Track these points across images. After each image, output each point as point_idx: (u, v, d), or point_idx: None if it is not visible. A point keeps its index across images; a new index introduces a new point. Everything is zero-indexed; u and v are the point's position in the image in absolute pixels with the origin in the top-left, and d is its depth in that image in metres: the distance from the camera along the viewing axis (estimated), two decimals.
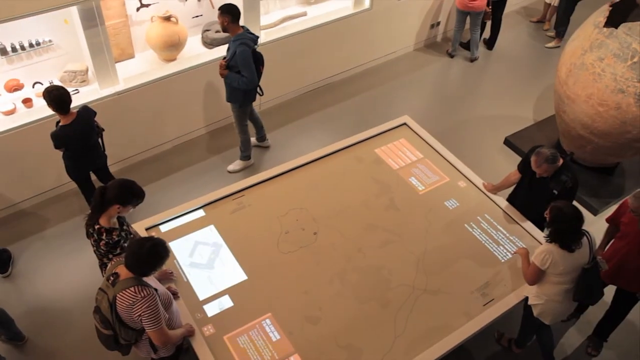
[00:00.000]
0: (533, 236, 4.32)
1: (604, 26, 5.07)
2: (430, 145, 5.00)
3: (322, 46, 6.58)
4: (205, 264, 3.94)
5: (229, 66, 4.96)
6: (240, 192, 4.50)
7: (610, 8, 5.16)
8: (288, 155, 5.69)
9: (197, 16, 5.96)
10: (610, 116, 5.11)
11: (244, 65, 4.87)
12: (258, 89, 5.23)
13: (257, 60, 5.01)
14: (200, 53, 5.80)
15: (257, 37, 5.02)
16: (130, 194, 3.39)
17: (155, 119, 5.67)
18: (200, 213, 4.30)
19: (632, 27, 4.87)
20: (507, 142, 6.40)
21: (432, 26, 7.82)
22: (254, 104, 5.48)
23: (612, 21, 5.08)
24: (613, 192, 5.87)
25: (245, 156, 5.78)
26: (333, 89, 7.00)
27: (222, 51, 5.76)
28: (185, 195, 5.18)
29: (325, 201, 4.44)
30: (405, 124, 5.21)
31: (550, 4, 8.28)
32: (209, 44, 5.88)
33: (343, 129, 6.22)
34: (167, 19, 5.42)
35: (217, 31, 5.86)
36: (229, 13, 4.78)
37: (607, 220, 4.35)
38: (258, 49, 5.04)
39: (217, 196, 4.42)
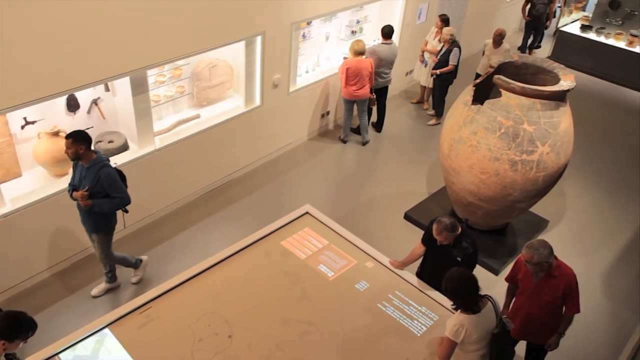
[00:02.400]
0: (444, 306, 4.46)
1: (472, 104, 5.64)
2: (334, 231, 5.12)
3: (219, 145, 6.70)
4: None
5: (90, 194, 4.64)
6: (147, 304, 4.29)
7: (474, 88, 5.78)
8: (194, 258, 5.56)
9: (87, 128, 5.86)
10: (492, 182, 5.57)
11: (114, 187, 4.68)
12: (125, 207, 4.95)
13: (121, 178, 4.83)
14: None
15: (109, 157, 4.86)
16: (18, 327, 3.09)
17: (53, 237, 5.37)
18: (106, 333, 4.03)
19: (495, 103, 5.46)
20: (407, 216, 6.71)
21: (323, 116, 8.26)
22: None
23: (478, 99, 5.67)
24: (508, 251, 6.27)
25: (134, 263, 5.42)
26: (234, 186, 7.06)
27: (116, 161, 5.67)
28: (84, 317, 4.84)
29: (236, 301, 4.34)
30: (307, 212, 5.32)
31: (425, 87, 9.12)
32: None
33: (248, 225, 6.24)
34: (56, 134, 5.30)
35: (110, 141, 5.80)
36: (84, 140, 4.53)
37: (506, 279, 4.62)
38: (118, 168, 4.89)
39: (121, 312, 4.18)
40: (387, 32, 7.73)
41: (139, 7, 5.03)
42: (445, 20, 8.38)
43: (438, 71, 8.25)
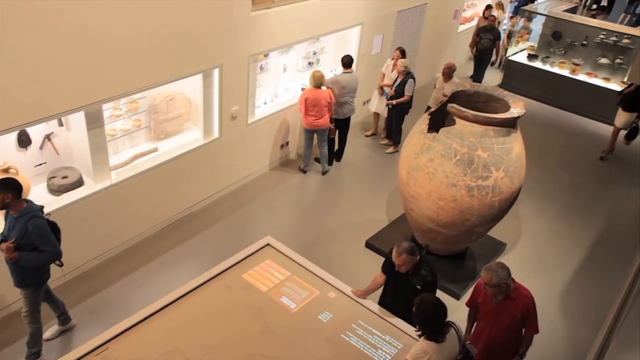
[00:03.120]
0: (407, 333, 4.47)
1: (428, 132, 5.78)
2: (295, 262, 5.10)
3: (177, 178, 6.62)
4: None
5: (18, 246, 4.29)
6: (104, 345, 4.14)
7: (429, 116, 5.93)
8: (153, 295, 5.42)
9: (40, 164, 5.73)
10: (450, 208, 5.68)
11: (43, 239, 4.33)
12: (58, 261, 4.61)
13: (53, 230, 4.52)
14: (47, 201, 5.51)
15: (42, 207, 4.49)
16: None
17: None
18: None
19: (450, 131, 5.61)
20: (368, 244, 6.75)
21: (282, 146, 8.29)
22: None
23: (433, 127, 5.82)
24: (468, 275, 6.37)
25: (35, 353, 4.85)
26: (194, 219, 6.97)
27: (71, 197, 5.54)
28: None
29: (198, 338, 4.24)
30: (268, 244, 5.29)
31: (379, 115, 9.29)
32: (56, 191, 5.63)
33: (209, 258, 6.13)
34: (6, 170, 5.13)
35: (64, 177, 5.66)
36: (12, 189, 4.20)
37: (467, 304, 4.68)
38: (50, 218, 4.56)
39: (76, 355, 4.02)
40: (347, 61, 7.92)
41: (93, 40, 4.98)
42: (402, 52, 8.65)
43: (394, 102, 8.44)
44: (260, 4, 6.69)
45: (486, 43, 11.32)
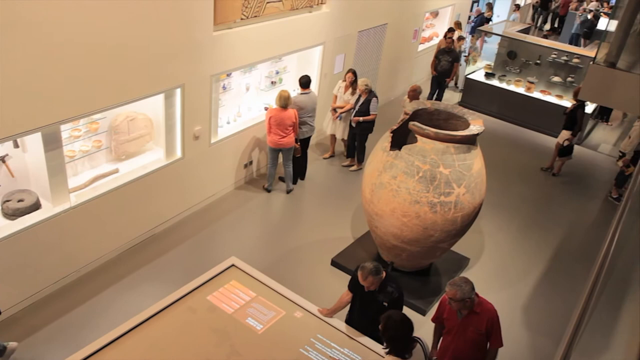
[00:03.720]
0: (375, 351, 4.47)
1: (390, 150, 5.86)
2: (261, 282, 5.05)
3: (140, 199, 6.50)
4: None
5: None
6: None
7: (391, 134, 6.02)
8: (115, 320, 5.27)
9: None
10: (414, 224, 5.74)
11: None
12: None
13: None
14: (1, 226, 5.32)
15: None
16: None
17: None
18: None
19: (412, 148, 5.71)
20: (334, 262, 6.75)
21: (246, 165, 8.25)
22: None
23: (396, 145, 5.90)
24: (433, 291, 6.43)
25: None
26: (158, 240, 6.83)
27: (27, 221, 5.36)
28: None
29: None
30: (233, 265, 5.23)
31: (335, 137, 9.22)
32: (11, 215, 5.43)
33: (173, 280, 6.01)
34: None
35: (20, 200, 5.48)
36: None
37: (432, 320, 4.72)
38: None
39: None
40: (305, 82, 7.97)
41: (50, 59, 4.87)
42: (354, 73, 8.70)
43: (361, 118, 8.49)
44: (222, 24, 6.70)
45: (445, 65, 11.52)
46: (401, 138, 6.05)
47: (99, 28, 5.19)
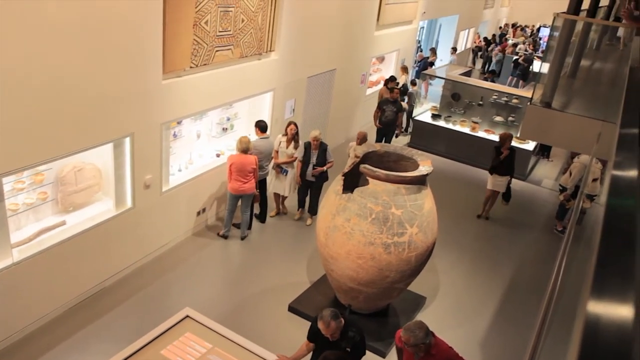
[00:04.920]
0: None
1: (342, 193, 5.94)
2: (217, 333, 4.91)
3: (88, 252, 6.28)
4: None
5: None
6: None
7: (343, 177, 6.11)
8: None
9: None
10: (369, 266, 5.78)
11: None
12: None
13: None
14: None
15: None
16: None
17: None
18: None
19: (364, 191, 5.80)
20: (291, 308, 6.66)
21: (199, 213, 8.14)
22: None
23: (348, 188, 5.99)
24: (391, 332, 6.38)
25: None
26: (108, 294, 6.58)
27: None
28: None
29: None
30: (187, 316, 5.08)
31: (279, 195, 8.81)
32: None
33: (124, 336, 5.76)
34: None
35: None
36: None
37: None
38: None
39: None
40: (264, 126, 8.08)
41: None
42: (296, 125, 8.46)
43: (325, 167, 8.44)
44: (171, 72, 6.72)
45: (390, 115, 11.32)
46: (353, 181, 6.15)
47: (42, 74, 5.10)
